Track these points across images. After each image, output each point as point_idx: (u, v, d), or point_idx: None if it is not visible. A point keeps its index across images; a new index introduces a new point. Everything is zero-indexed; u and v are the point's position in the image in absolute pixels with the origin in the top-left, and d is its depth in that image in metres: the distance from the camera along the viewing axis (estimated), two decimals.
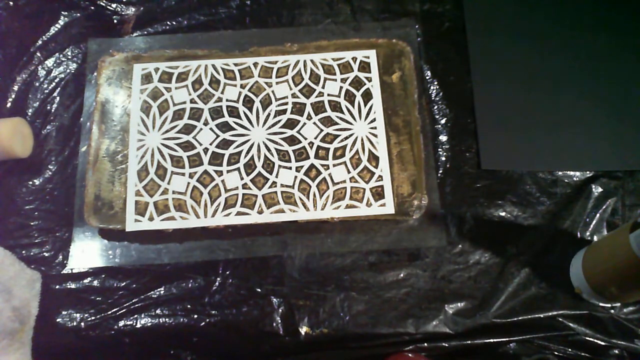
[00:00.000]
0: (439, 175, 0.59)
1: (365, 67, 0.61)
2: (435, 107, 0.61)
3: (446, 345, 0.53)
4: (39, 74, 0.62)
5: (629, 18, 0.64)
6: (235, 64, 0.61)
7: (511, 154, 0.59)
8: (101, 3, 0.65)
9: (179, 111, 0.60)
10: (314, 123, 0.59)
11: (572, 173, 0.59)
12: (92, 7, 0.65)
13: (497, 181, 0.58)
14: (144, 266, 0.55)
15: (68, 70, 0.62)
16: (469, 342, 0.53)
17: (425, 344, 0.53)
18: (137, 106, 0.59)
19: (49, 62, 0.63)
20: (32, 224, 0.56)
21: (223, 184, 0.57)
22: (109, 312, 0.53)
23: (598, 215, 0.57)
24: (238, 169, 0.57)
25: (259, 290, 0.54)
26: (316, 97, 0.60)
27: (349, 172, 0.57)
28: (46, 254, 0.56)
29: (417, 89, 0.60)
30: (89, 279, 0.55)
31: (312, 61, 0.62)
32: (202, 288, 0.54)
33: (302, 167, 0.57)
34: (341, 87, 0.61)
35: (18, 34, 0.63)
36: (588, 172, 0.58)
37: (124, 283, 0.55)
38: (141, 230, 0.55)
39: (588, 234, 0.56)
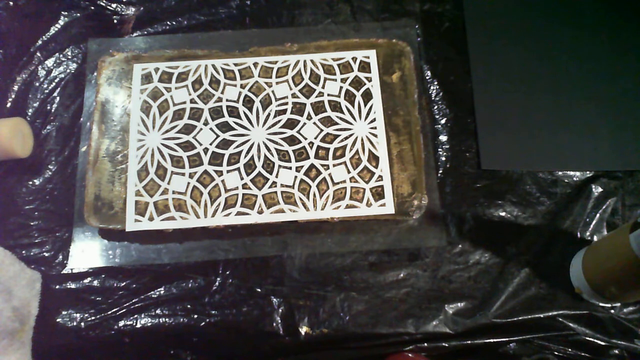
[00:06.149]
0: (439, 175, 0.59)
1: (365, 67, 0.61)
2: (435, 107, 0.61)
3: (446, 345, 0.53)
4: (39, 74, 0.62)
5: (629, 18, 0.64)
6: (235, 64, 0.61)
7: (511, 154, 0.59)
8: (101, 3, 0.65)
9: (179, 111, 0.60)
10: (314, 123, 0.59)
11: (572, 173, 0.59)
12: (92, 7, 0.65)
13: (497, 181, 0.58)
14: (144, 266, 0.55)
15: (68, 70, 0.62)
16: (469, 342, 0.53)
17: (425, 344, 0.53)
18: (137, 106, 0.59)
19: (49, 62, 0.63)
20: (32, 224, 0.56)
21: (223, 184, 0.57)
22: (109, 312, 0.53)
23: (598, 215, 0.57)
24: (238, 169, 0.57)
25: (259, 290, 0.54)
26: (316, 97, 0.60)
27: (349, 172, 0.57)
28: (46, 254, 0.56)
29: (417, 89, 0.60)
30: (89, 279, 0.55)
31: (312, 61, 0.62)
32: (202, 288, 0.54)
33: (302, 167, 0.57)
34: (341, 87, 0.61)
35: (18, 34, 0.63)
36: (588, 172, 0.58)
37: (124, 283, 0.55)
38: (141, 230, 0.55)
39: (588, 234, 0.56)
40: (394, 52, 0.62)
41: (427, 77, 0.62)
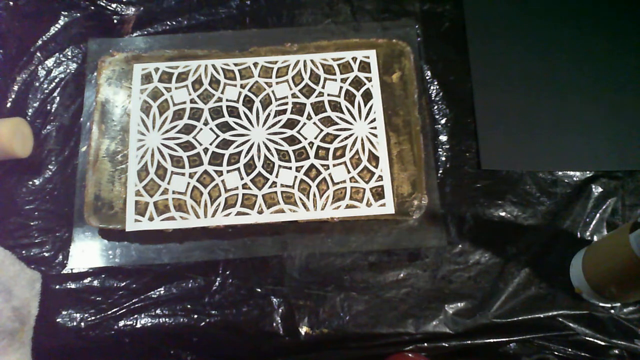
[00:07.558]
0: (439, 175, 0.59)
1: (365, 67, 0.61)
2: (435, 107, 0.61)
3: (446, 345, 0.53)
4: (39, 74, 0.62)
5: (628, 18, 0.64)
6: (235, 64, 0.61)
7: (511, 154, 0.59)
8: (101, 3, 0.65)
9: (179, 111, 0.60)
10: (314, 123, 0.59)
11: (572, 173, 0.59)
12: (92, 7, 0.65)
13: (497, 181, 0.58)
14: (144, 266, 0.55)
15: (68, 70, 0.62)
16: (469, 342, 0.53)
17: (425, 344, 0.53)
18: (137, 106, 0.59)
19: (49, 62, 0.63)
20: (32, 224, 0.56)
21: (223, 184, 0.57)
22: (109, 312, 0.53)
23: (598, 215, 0.57)
24: (238, 169, 0.57)
25: (259, 290, 0.54)
26: (316, 97, 0.60)
27: (349, 172, 0.57)
28: (46, 254, 0.56)
29: (417, 89, 0.60)
30: (89, 279, 0.55)
31: (312, 61, 0.62)
32: (202, 288, 0.54)
33: (302, 167, 0.57)
34: (341, 87, 0.61)
35: (18, 34, 0.63)
36: (588, 172, 0.58)
37: (124, 283, 0.55)
38: (141, 230, 0.55)
39: (588, 234, 0.56)
40: (394, 52, 0.62)
41: (427, 77, 0.62)
